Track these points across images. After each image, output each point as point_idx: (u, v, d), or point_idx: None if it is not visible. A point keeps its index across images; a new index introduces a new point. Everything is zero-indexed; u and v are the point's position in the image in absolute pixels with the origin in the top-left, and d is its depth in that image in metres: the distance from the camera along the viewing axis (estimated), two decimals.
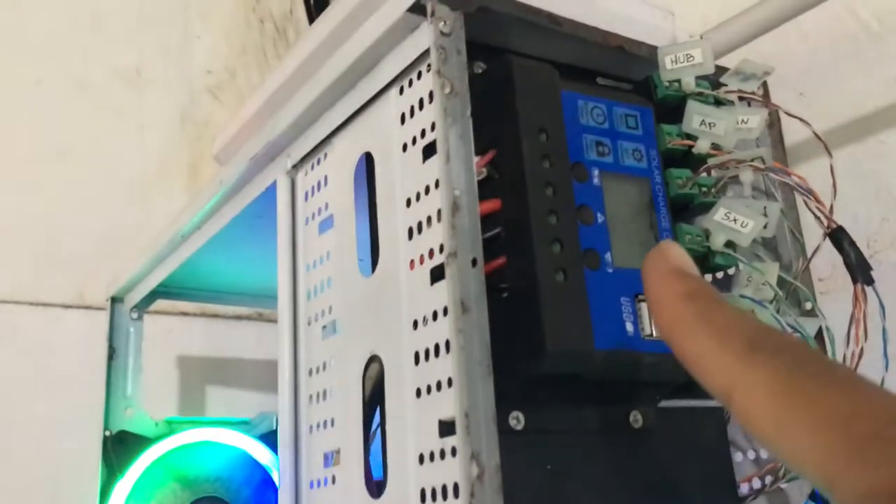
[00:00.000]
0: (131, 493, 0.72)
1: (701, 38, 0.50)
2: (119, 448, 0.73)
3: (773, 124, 0.48)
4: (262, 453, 0.78)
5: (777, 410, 0.21)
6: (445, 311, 0.35)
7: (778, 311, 0.40)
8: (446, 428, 0.35)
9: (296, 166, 0.49)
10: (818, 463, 0.20)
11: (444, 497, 0.34)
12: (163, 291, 0.77)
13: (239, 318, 1.07)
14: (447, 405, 0.34)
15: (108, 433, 0.74)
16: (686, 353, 0.24)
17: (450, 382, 0.34)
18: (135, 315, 0.79)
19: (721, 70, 0.45)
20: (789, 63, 0.60)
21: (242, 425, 0.80)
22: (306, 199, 0.49)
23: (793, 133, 0.51)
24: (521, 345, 0.36)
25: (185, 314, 1.05)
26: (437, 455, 0.35)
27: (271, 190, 0.51)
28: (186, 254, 0.65)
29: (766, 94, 0.49)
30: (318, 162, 0.48)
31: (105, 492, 0.72)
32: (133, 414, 0.76)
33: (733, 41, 0.48)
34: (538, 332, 0.35)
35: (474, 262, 0.35)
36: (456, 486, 0.33)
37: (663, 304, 0.26)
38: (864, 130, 0.56)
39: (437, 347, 0.36)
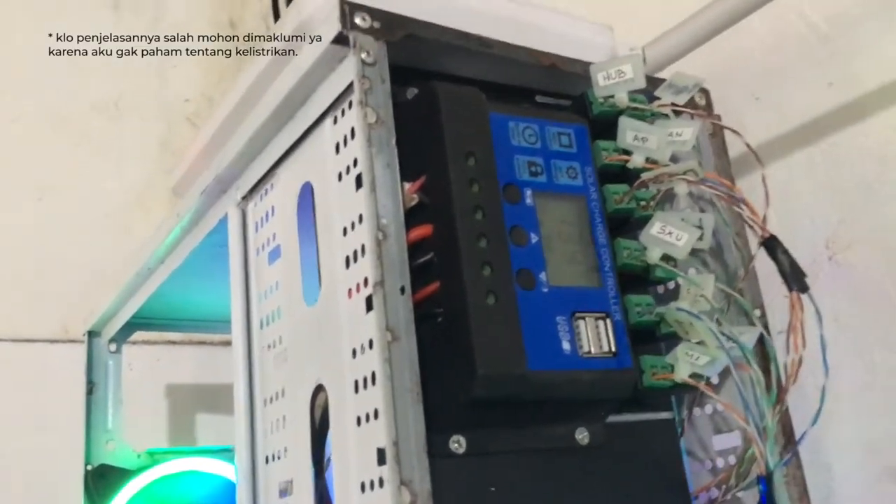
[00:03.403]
0: None
1: (642, 50, 0.50)
2: (100, 482, 0.73)
3: (716, 134, 0.48)
4: None
5: None
6: None
7: (719, 323, 0.40)
8: (382, 456, 0.35)
9: (245, 197, 0.50)
10: None
11: None
12: (140, 323, 0.77)
13: (226, 343, 1.06)
14: (382, 434, 0.34)
15: (89, 467, 0.74)
16: None
17: None
18: (113, 348, 0.79)
19: (659, 83, 0.45)
20: (745, 67, 0.60)
21: (225, 453, 0.80)
22: (256, 229, 0.49)
23: (752, 140, 0.51)
24: (455, 369, 0.36)
25: (172, 343, 1.05)
26: (376, 483, 0.35)
27: (225, 221, 0.52)
28: (155, 286, 0.66)
29: (709, 104, 0.49)
30: (266, 192, 0.48)
31: None
32: (115, 447, 0.76)
33: (674, 52, 0.48)
34: (469, 356, 0.35)
35: (402, 290, 0.35)
36: None
37: None
38: (819, 132, 0.55)
39: (373, 375, 0.36)
